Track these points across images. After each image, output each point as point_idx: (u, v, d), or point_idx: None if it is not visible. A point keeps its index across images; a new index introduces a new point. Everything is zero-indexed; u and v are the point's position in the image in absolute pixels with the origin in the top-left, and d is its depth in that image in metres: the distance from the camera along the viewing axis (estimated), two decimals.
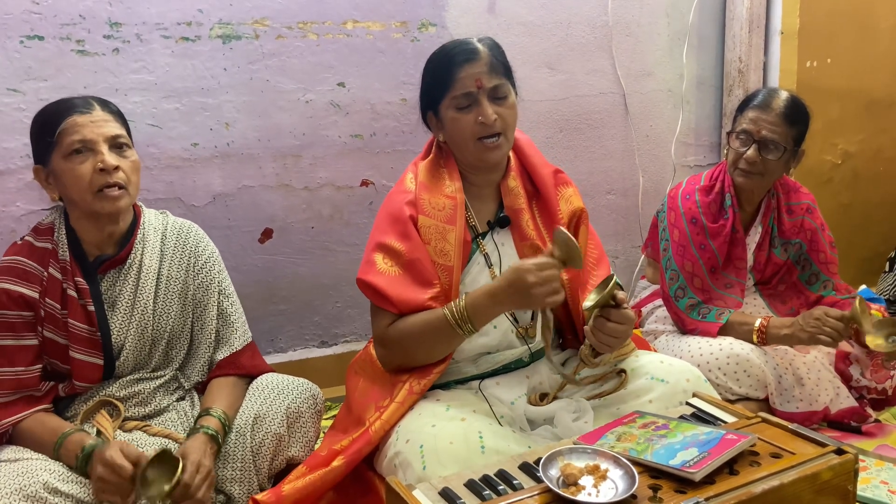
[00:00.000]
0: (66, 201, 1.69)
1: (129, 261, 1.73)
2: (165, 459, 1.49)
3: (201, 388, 1.84)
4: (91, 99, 1.68)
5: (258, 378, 1.81)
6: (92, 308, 1.69)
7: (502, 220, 1.77)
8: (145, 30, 2.29)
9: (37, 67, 2.18)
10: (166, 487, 1.46)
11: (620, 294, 1.58)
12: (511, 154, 1.81)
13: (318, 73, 2.54)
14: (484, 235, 1.77)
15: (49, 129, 1.63)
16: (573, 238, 1.52)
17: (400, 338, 1.65)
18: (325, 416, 2.34)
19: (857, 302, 2.10)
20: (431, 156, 1.79)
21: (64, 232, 1.70)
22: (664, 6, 3.09)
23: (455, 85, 1.66)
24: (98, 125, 1.64)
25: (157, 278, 1.76)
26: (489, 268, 1.74)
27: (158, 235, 1.79)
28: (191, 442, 1.60)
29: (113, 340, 1.70)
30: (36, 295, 1.65)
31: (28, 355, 1.65)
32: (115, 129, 1.66)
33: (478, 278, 1.74)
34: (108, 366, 1.71)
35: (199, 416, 1.68)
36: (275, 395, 1.74)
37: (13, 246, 1.70)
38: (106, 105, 1.69)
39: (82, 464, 1.53)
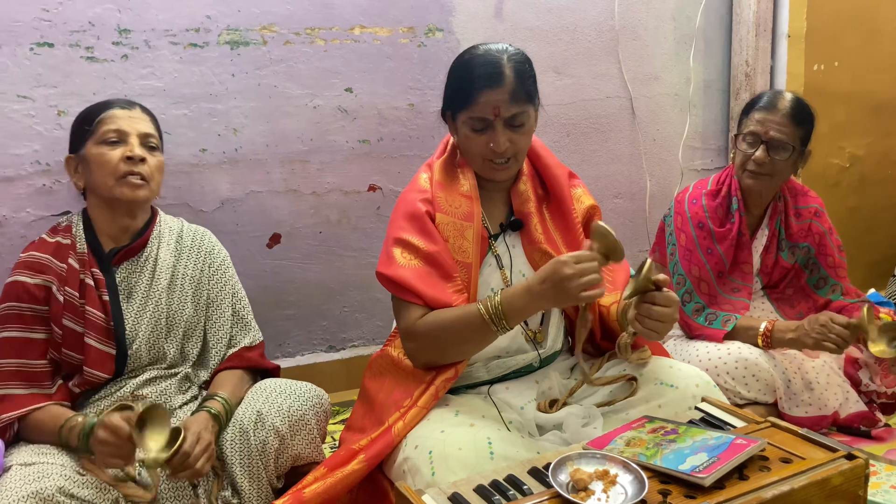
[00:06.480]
0: (89, 189, 1.79)
1: (146, 253, 1.80)
2: (158, 417, 1.50)
3: (209, 386, 1.86)
4: (134, 102, 1.85)
5: (260, 382, 1.83)
6: (107, 298, 1.74)
7: (514, 224, 1.77)
8: (154, 36, 2.30)
9: (46, 74, 2.20)
10: (165, 455, 1.49)
11: (661, 276, 1.53)
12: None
13: (325, 78, 2.54)
14: (496, 238, 1.77)
15: (89, 119, 1.78)
16: (611, 231, 1.48)
17: (431, 332, 1.61)
18: (333, 421, 2.34)
19: (864, 310, 2.08)
20: (446, 155, 1.78)
21: (82, 227, 1.78)
22: (671, 10, 3.09)
23: (473, 107, 1.63)
24: (135, 120, 1.78)
25: (173, 273, 1.83)
26: (500, 269, 1.74)
27: (174, 235, 1.87)
28: (193, 417, 1.65)
29: (126, 331, 1.75)
30: (52, 286, 1.70)
31: (37, 349, 1.69)
32: (149, 127, 1.80)
33: (489, 279, 1.73)
34: (121, 357, 1.74)
35: (203, 399, 1.74)
36: (276, 394, 1.76)
37: (31, 244, 1.79)
38: (146, 109, 1.85)
39: (84, 441, 1.56)
